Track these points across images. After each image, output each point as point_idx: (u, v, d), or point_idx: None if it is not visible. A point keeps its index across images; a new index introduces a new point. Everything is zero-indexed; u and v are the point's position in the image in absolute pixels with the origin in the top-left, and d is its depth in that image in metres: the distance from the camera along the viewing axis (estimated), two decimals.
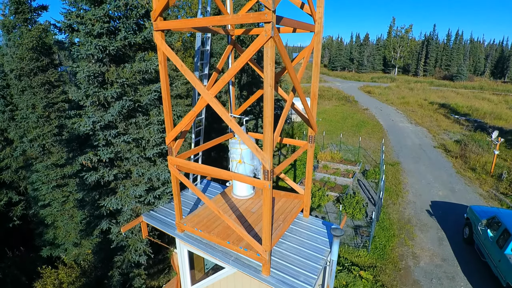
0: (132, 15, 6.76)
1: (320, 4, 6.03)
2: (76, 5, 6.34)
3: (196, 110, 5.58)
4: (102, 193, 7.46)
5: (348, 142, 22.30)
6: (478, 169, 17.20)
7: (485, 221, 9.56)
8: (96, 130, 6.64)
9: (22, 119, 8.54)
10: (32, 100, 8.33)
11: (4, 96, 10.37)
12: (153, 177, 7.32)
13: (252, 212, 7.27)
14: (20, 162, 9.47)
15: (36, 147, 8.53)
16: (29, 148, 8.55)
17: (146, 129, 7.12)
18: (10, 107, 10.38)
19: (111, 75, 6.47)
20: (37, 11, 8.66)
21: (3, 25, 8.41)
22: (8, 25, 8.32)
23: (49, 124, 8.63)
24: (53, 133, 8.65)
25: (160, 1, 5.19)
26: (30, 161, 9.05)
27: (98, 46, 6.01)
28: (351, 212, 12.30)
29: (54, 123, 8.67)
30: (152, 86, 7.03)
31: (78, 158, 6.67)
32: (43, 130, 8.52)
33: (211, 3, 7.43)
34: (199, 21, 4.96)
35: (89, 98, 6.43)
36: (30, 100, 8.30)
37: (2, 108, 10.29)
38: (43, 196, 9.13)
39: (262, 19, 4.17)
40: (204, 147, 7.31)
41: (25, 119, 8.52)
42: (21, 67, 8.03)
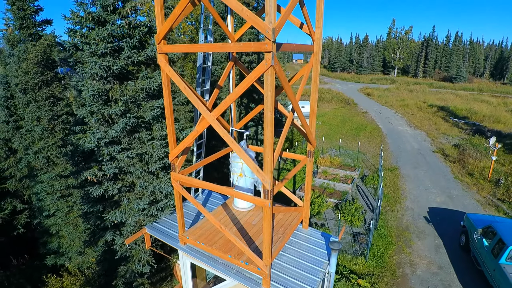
0: (135, 34, 6.94)
1: (319, 25, 6.23)
2: (81, 24, 6.52)
3: (199, 130, 5.77)
4: (106, 206, 7.65)
5: (347, 146, 22.49)
6: (476, 174, 17.39)
7: (481, 230, 9.74)
8: (100, 146, 6.83)
9: (27, 131, 8.72)
10: (37, 113, 8.51)
11: (8, 107, 10.55)
12: (156, 190, 7.51)
13: (253, 225, 7.47)
14: (24, 172, 9.66)
15: (41, 158, 8.71)
16: (34, 159, 8.74)
17: (149, 144, 7.30)
18: (14, 118, 10.56)
19: (115, 93, 6.66)
20: (42, 26, 8.85)
21: (8, 40, 8.59)
22: (13, 40, 8.50)
23: (54, 137, 8.81)
24: (57, 145, 8.84)
25: (163, 26, 5.38)
26: (35, 172, 9.23)
27: (103, 66, 6.20)
28: (349, 219, 12.49)
29: (58, 135, 8.85)
30: (155, 102, 7.22)
31: (83, 173, 6.86)
32: (47, 142, 8.71)
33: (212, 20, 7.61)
34: (201, 47, 5.15)
35: (94, 115, 6.62)
36: (35, 113, 8.49)
37: (7, 118, 10.47)
38: (47, 206, 9.32)
39: (262, 49, 4.37)
40: (205, 162, 7.50)
41: (30, 132, 8.70)
42: (26, 80, 8.21)
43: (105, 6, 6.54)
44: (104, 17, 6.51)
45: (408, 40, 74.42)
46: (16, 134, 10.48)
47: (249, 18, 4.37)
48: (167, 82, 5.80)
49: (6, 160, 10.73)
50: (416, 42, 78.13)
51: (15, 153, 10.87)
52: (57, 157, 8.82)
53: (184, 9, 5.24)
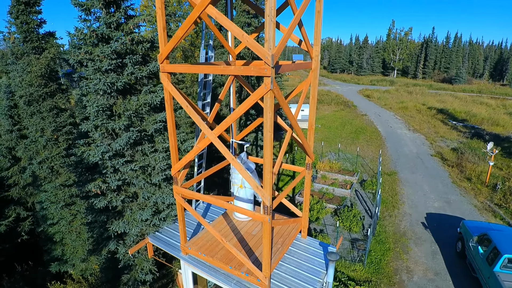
0: (138, 49, 7.12)
1: (317, 43, 6.42)
2: (85, 40, 6.70)
3: (200, 147, 5.96)
4: (109, 216, 7.84)
5: (346, 150, 22.68)
6: (473, 179, 17.57)
7: (476, 238, 9.93)
8: (104, 159, 7.01)
9: (31, 142, 8.90)
10: (41, 124, 8.69)
11: (12, 116, 10.73)
12: (159, 201, 7.70)
13: (253, 235, 7.66)
14: (28, 180, 9.85)
15: (45, 168, 8.90)
16: (38, 169, 8.92)
17: (152, 156, 7.49)
18: (17, 127, 10.75)
19: (118, 108, 6.84)
20: (45, 39, 9.02)
21: (12, 53, 8.77)
22: (17, 53, 8.67)
23: (58, 147, 9.00)
24: (61, 155, 9.02)
25: (166, 47, 5.57)
26: (39, 182, 9.42)
27: (107, 83, 6.38)
28: (348, 225, 12.67)
29: (62, 145, 9.04)
30: (157, 116, 7.40)
31: (87, 185, 7.04)
32: (51, 152, 8.89)
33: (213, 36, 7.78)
34: (203, 68, 5.33)
35: (98, 130, 6.80)
36: (39, 124, 8.67)
37: (10, 127, 10.65)
38: (51, 215, 9.50)
39: (262, 73, 4.56)
40: (206, 174, 7.69)
41: (34, 142, 8.88)
42: (30, 92, 8.40)
43: (109, 23, 6.72)
44: (108, 33, 6.69)
45: (407, 42, 74.60)
46: (20, 142, 10.66)
47: (250, 44, 4.55)
48: (170, 100, 5.98)
49: (10, 168, 10.92)
50: (415, 43, 78.32)
51: (19, 161, 11.06)
52: (60, 167, 9.01)
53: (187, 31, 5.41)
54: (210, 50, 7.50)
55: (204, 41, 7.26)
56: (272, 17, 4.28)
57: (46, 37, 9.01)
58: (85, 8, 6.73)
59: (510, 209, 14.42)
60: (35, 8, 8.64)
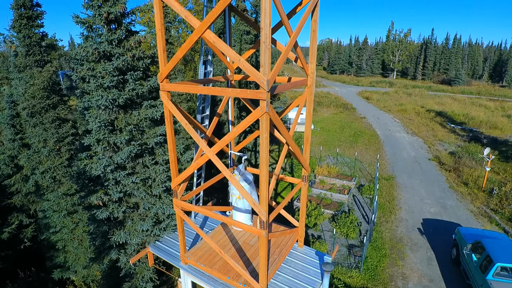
0: (139, 65, 7.31)
1: (312, 60, 6.62)
2: (87, 58, 6.89)
3: (199, 163, 6.15)
4: (111, 226, 8.04)
5: (345, 154, 22.87)
6: (470, 184, 17.76)
7: (470, 245, 10.13)
8: (106, 172, 7.20)
9: (34, 152, 9.10)
10: (44, 135, 8.89)
11: (14, 125, 10.93)
12: (159, 212, 7.90)
13: (251, 245, 7.86)
14: (31, 189, 10.06)
15: (48, 178, 9.10)
16: (41, 179, 9.12)
17: (152, 168, 7.68)
18: (20, 136, 10.95)
19: (120, 122, 7.04)
20: (47, 52, 9.20)
21: (14, 65, 8.96)
22: (20, 66, 8.87)
23: (60, 157, 9.20)
24: (63, 165, 9.23)
25: (166, 67, 5.76)
26: (42, 191, 9.63)
27: (108, 100, 6.57)
28: (345, 231, 12.87)
29: (64, 156, 9.24)
30: (157, 129, 7.59)
31: (89, 198, 7.24)
32: (54, 162, 9.09)
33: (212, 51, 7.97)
34: (201, 89, 5.53)
35: (100, 144, 7.00)
36: (42, 135, 8.87)
37: (13, 136, 10.86)
38: (54, 223, 9.71)
39: (258, 97, 4.76)
40: (205, 186, 7.89)
41: (37, 153, 9.08)
42: (33, 105, 8.60)
43: (110, 40, 6.91)
44: (109, 50, 6.88)
45: (407, 43, 74.76)
46: (22, 151, 10.87)
47: (246, 69, 4.75)
48: (170, 117, 6.17)
49: (12, 176, 11.12)
50: (415, 44, 78.47)
51: (21, 169, 11.26)
52: (63, 177, 9.22)
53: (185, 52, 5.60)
54: (209, 65, 7.68)
55: (203, 56, 7.45)
56: (267, 44, 4.48)
57: (48, 49, 9.20)
58: (87, 26, 6.93)
59: (506, 215, 14.61)
60: (37, 22, 8.83)
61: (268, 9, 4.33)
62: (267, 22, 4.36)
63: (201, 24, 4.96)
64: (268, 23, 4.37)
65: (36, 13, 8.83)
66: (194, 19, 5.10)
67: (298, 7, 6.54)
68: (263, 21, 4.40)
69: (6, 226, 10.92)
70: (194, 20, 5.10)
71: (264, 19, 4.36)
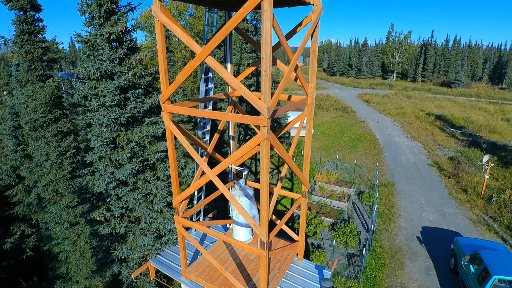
0: (140, 83, 7.40)
1: (312, 80, 6.71)
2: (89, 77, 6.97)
3: (200, 183, 6.24)
4: (113, 240, 8.12)
5: (344, 159, 22.95)
6: (469, 190, 17.83)
7: (468, 257, 10.21)
8: (108, 189, 7.29)
9: (36, 166, 9.19)
10: (46, 149, 8.98)
11: (16, 136, 11.01)
12: (160, 227, 7.98)
13: (251, 260, 7.95)
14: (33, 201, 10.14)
15: (50, 191, 9.19)
16: (43, 192, 9.21)
17: (154, 184, 7.77)
18: (22, 147, 11.03)
19: (121, 140, 7.13)
20: (49, 67, 9.28)
21: (16, 80, 9.05)
22: (22, 80, 8.95)
23: (62, 170, 9.29)
24: (65, 178, 9.32)
25: (168, 89, 5.86)
26: (44, 204, 9.72)
27: (111, 119, 6.66)
28: (344, 240, 12.95)
29: (66, 169, 9.33)
30: (159, 146, 7.68)
31: (91, 214, 7.33)
32: (56, 175, 9.18)
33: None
34: (203, 113, 5.62)
35: (102, 161, 7.08)
36: (44, 149, 8.95)
37: (15, 147, 10.94)
38: (56, 235, 9.80)
39: (259, 123, 4.85)
40: (205, 202, 7.98)
41: (39, 166, 9.17)
42: (35, 119, 8.68)
43: (112, 59, 7.00)
44: (111, 69, 6.97)
45: (407, 45, 74.85)
46: (24, 162, 10.96)
47: (247, 96, 4.85)
48: (171, 137, 6.27)
49: (14, 187, 11.21)
50: (414, 45, 78.55)
51: (23, 179, 11.35)
52: (65, 189, 9.31)
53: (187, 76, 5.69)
54: (209, 82, 7.78)
55: (204, 74, 7.54)
56: (267, 73, 4.57)
57: (50, 63, 9.28)
58: (89, 45, 7.01)
59: (504, 223, 14.69)
60: (39, 37, 8.92)
61: (269, 39, 4.42)
62: (268, 52, 4.45)
63: (202, 50, 5.05)
64: (268, 54, 4.46)
65: (38, 28, 8.91)
66: (195, 45, 5.19)
67: (298, 27, 6.64)
68: (263, 51, 4.49)
69: (8, 237, 11.01)
70: (196, 46, 5.18)
71: (264, 49, 4.46)
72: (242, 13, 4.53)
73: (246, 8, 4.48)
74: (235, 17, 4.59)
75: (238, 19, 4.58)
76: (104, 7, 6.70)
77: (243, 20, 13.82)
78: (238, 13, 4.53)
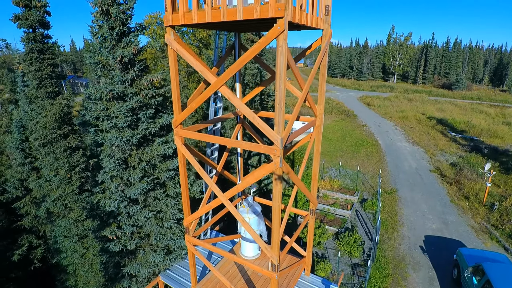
0: (151, 103, 7.51)
1: (321, 102, 6.84)
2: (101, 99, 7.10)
3: (212, 206, 6.36)
4: (123, 256, 8.25)
5: (347, 165, 23.07)
6: (471, 198, 17.96)
7: (471, 268, 10.34)
8: (120, 208, 7.41)
9: (45, 181, 9.32)
10: (55, 164, 9.10)
11: (24, 149, 11.14)
12: (170, 244, 8.11)
13: (259, 276, 8.07)
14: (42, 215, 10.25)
15: (59, 206, 9.31)
16: (52, 206, 9.33)
17: (164, 201, 7.89)
18: (29, 159, 11.16)
19: (133, 160, 7.25)
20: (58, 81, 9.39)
21: (26, 97, 9.17)
22: (31, 97, 9.07)
23: (71, 185, 9.42)
24: (74, 193, 9.44)
25: (180, 115, 5.98)
26: (53, 218, 9.84)
27: (123, 141, 6.78)
28: (348, 250, 13.08)
29: (75, 184, 9.46)
30: (169, 164, 7.80)
31: (103, 231, 7.45)
32: (65, 190, 9.31)
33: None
34: (216, 139, 5.74)
35: (114, 180, 7.20)
36: (53, 164, 9.07)
37: (22, 160, 11.06)
38: (65, 248, 9.92)
39: (272, 153, 4.98)
40: (214, 220, 8.10)
41: (49, 181, 9.30)
42: (45, 135, 8.80)
43: (123, 81, 7.12)
44: (123, 90, 7.08)
45: (407, 47, 74.96)
46: (32, 174, 11.08)
47: (260, 126, 4.97)
48: (183, 160, 6.39)
49: (22, 199, 11.33)
50: (415, 47, 78.66)
51: (30, 191, 11.47)
52: (74, 203, 9.43)
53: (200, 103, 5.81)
54: (219, 101, 7.89)
55: (213, 94, 7.65)
56: (281, 106, 4.70)
57: (59, 80, 9.40)
58: (101, 66, 7.13)
59: (506, 231, 14.82)
60: (48, 54, 9.01)
61: (283, 74, 4.55)
62: (282, 87, 4.57)
63: (216, 81, 5.17)
64: (282, 88, 4.58)
65: (47, 45, 9.03)
66: (209, 74, 5.31)
67: (308, 51, 6.77)
68: (277, 85, 4.61)
69: (16, 248, 11.14)
70: (210, 75, 5.31)
71: (278, 84, 4.58)
72: (256, 48, 4.65)
73: (261, 43, 4.60)
74: (250, 52, 4.71)
75: (253, 53, 4.70)
76: (116, 29, 6.82)
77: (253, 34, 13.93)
78: (253, 48, 4.65)
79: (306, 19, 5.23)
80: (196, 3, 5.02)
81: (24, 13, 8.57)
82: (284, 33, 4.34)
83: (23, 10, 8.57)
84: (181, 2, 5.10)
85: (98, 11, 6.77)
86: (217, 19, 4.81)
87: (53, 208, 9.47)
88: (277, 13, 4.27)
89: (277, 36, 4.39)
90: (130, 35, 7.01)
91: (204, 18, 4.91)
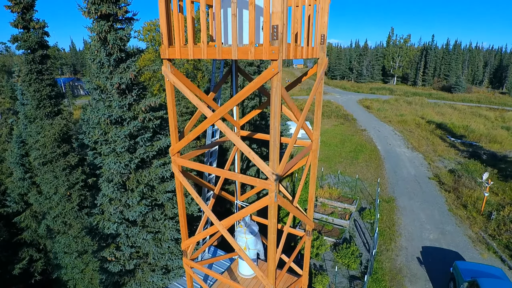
0: (149, 126, 7.60)
1: (317, 128, 6.91)
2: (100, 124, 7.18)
3: (209, 232, 6.45)
4: (122, 275, 8.35)
5: (346, 172, 23.16)
6: (469, 206, 18.05)
7: (467, 284, 10.44)
8: (118, 230, 7.51)
9: (45, 199, 9.42)
10: (55, 182, 9.20)
11: (24, 164, 11.23)
12: (168, 264, 8.20)
13: None
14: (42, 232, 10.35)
15: (59, 223, 9.41)
16: (52, 224, 9.44)
17: (162, 222, 7.99)
18: (29, 174, 11.25)
19: (131, 183, 7.34)
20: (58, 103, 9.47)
21: (25, 116, 9.25)
22: (30, 117, 9.15)
23: (70, 203, 9.52)
24: (74, 210, 9.54)
25: (178, 144, 6.07)
26: (53, 234, 9.95)
27: (121, 166, 6.87)
28: (346, 262, 13.18)
29: (75, 201, 9.55)
30: (167, 185, 7.89)
31: (102, 252, 7.55)
32: (65, 208, 9.41)
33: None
34: (214, 170, 5.83)
35: (113, 203, 7.30)
36: (53, 182, 9.17)
37: (22, 175, 11.16)
38: (65, 264, 10.02)
39: (267, 187, 5.06)
40: (210, 242, 8.18)
41: (48, 199, 9.39)
42: (44, 154, 8.89)
43: (121, 106, 7.20)
44: (120, 115, 7.17)
45: (407, 49, 74.99)
46: (32, 189, 11.18)
47: (256, 162, 5.06)
48: (180, 187, 6.47)
49: (22, 213, 11.44)
50: (415, 48, 78.67)
51: (30, 205, 11.58)
52: (73, 220, 9.53)
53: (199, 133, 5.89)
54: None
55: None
56: (276, 143, 4.78)
57: (58, 99, 9.48)
58: (99, 91, 7.21)
59: (503, 242, 14.92)
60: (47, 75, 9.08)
61: (278, 112, 4.63)
62: (276, 125, 4.65)
63: (213, 116, 5.25)
64: (277, 126, 4.66)
65: (46, 66, 9.10)
66: (206, 109, 5.39)
67: (304, 77, 6.85)
68: (272, 123, 4.69)
69: (17, 262, 11.24)
70: (207, 110, 5.39)
71: (273, 122, 4.66)
72: (252, 87, 4.73)
73: (256, 82, 4.68)
74: (246, 90, 4.79)
75: (249, 91, 4.79)
76: (113, 56, 6.90)
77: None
78: (250, 87, 4.73)
79: (301, 53, 5.31)
80: (191, 40, 5.10)
81: (23, 34, 8.65)
82: (278, 74, 4.42)
83: (21, 31, 8.65)
84: (177, 38, 5.18)
85: (95, 37, 6.85)
86: (212, 57, 4.89)
87: (53, 225, 9.58)
88: (271, 56, 4.35)
89: (271, 77, 4.47)
90: (127, 61, 7.09)
91: (200, 54, 4.99)
